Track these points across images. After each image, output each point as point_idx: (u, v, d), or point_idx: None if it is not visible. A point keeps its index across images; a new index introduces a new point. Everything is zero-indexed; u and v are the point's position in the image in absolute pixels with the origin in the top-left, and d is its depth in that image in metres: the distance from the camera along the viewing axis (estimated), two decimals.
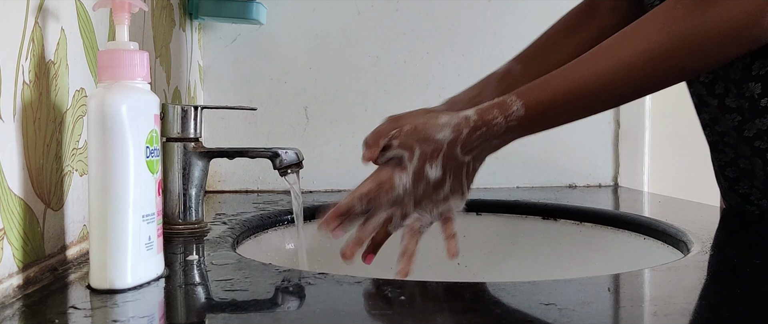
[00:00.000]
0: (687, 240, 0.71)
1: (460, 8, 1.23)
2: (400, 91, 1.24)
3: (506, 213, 1.02)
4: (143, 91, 0.51)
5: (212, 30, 1.21)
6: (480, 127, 0.64)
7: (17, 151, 0.49)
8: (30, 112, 0.51)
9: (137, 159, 0.50)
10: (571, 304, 0.47)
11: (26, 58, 0.50)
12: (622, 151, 1.29)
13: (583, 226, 0.94)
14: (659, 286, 0.55)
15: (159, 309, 0.48)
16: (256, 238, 0.84)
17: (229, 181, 1.22)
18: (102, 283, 0.49)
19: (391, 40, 1.24)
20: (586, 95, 0.63)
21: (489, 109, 0.64)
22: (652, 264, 0.61)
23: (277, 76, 1.22)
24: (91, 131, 0.49)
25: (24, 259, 0.50)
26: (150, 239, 0.51)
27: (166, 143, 0.74)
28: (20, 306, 0.46)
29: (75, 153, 0.60)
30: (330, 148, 1.22)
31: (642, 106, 1.29)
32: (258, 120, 1.22)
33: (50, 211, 0.55)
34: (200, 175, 0.76)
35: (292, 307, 0.49)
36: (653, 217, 0.84)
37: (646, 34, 0.61)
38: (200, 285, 0.53)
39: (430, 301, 0.50)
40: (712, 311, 0.47)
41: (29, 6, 0.51)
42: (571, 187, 1.26)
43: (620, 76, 0.61)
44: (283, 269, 0.57)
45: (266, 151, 0.74)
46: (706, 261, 0.60)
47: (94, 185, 0.49)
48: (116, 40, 0.51)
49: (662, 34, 0.59)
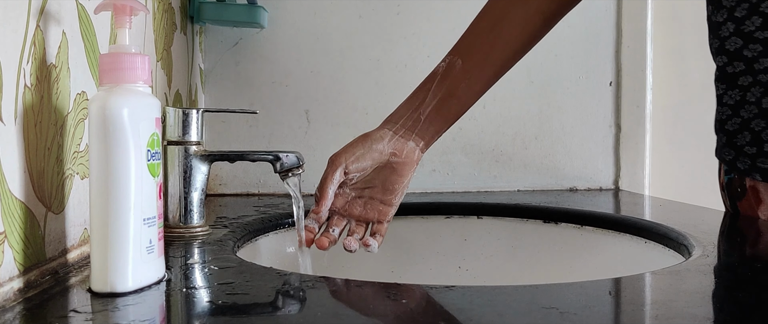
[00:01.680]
0: (688, 244, 0.71)
1: (461, 11, 1.23)
2: (401, 94, 1.23)
3: (507, 216, 1.01)
4: (144, 95, 0.51)
5: (213, 33, 1.21)
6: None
7: (18, 154, 0.49)
8: (31, 115, 0.51)
9: (138, 162, 0.50)
10: (572, 307, 0.47)
11: (28, 62, 0.50)
12: (622, 154, 1.29)
13: (584, 230, 0.94)
14: (660, 290, 0.55)
15: (160, 313, 0.48)
16: (257, 241, 0.84)
17: (230, 184, 1.22)
18: (103, 286, 0.49)
19: (393, 43, 1.24)
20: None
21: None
22: (654, 268, 0.61)
23: (278, 79, 1.22)
24: (92, 134, 0.49)
25: (25, 262, 0.50)
26: (151, 243, 0.51)
27: (167, 146, 0.74)
28: (21, 309, 0.45)
29: (76, 156, 0.60)
30: (331, 151, 1.21)
31: (643, 109, 1.29)
32: (259, 123, 1.22)
33: (51, 215, 0.55)
34: (201, 178, 0.76)
35: (293, 311, 0.49)
36: (654, 221, 0.84)
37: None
38: (201, 289, 0.53)
39: (431, 304, 0.50)
40: (714, 315, 0.47)
41: (31, 9, 0.51)
42: (572, 191, 1.26)
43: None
44: (284, 273, 0.57)
45: (267, 154, 0.74)
46: (707, 265, 0.60)
47: (95, 188, 0.49)
48: (117, 44, 0.51)
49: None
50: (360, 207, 0.73)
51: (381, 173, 0.73)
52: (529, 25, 0.74)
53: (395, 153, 0.72)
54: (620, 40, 1.28)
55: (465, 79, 0.73)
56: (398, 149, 0.72)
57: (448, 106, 0.74)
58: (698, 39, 1.44)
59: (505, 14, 0.75)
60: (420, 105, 0.74)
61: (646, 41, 1.28)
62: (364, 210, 0.73)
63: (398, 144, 0.72)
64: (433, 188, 1.24)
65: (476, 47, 0.75)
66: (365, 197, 0.73)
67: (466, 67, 0.73)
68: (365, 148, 0.72)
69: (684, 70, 1.35)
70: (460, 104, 0.74)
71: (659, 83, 1.32)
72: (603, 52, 1.28)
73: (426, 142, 0.74)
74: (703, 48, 0.80)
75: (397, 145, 0.72)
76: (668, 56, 1.33)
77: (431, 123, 0.74)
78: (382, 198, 0.73)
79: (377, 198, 0.73)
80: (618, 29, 1.28)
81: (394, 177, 0.72)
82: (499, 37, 0.74)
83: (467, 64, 0.73)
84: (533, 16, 0.74)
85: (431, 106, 0.73)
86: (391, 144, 0.72)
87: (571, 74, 1.27)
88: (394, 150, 0.72)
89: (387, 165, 0.72)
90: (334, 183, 0.71)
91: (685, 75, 1.35)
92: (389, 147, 0.72)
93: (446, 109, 0.74)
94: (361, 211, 0.73)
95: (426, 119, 0.73)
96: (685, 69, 1.35)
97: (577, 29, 1.26)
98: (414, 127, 0.73)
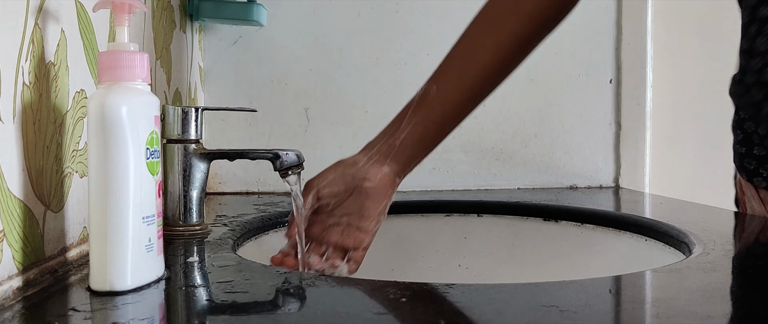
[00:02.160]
0: (689, 241, 0.71)
1: (460, 8, 1.23)
2: (400, 92, 1.24)
3: (507, 214, 1.01)
4: (143, 93, 0.51)
5: (213, 31, 1.21)
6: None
7: (17, 152, 0.49)
8: (30, 113, 0.51)
9: (137, 161, 0.50)
10: (572, 305, 0.47)
11: (26, 60, 0.50)
12: (623, 152, 1.29)
13: (584, 228, 0.94)
14: (661, 288, 0.55)
15: (159, 311, 0.48)
16: (257, 239, 0.84)
17: (230, 182, 1.22)
18: (102, 285, 0.49)
19: (392, 41, 1.24)
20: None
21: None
22: (654, 266, 0.61)
23: (277, 77, 1.22)
24: (91, 133, 0.49)
25: (24, 261, 0.50)
26: (150, 241, 0.51)
27: (166, 145, 0.74)
28: (20, 308, 0.45)
29: (75, 155, 0.59)
30: (330, 150, 1.22)
31: (643, 107, 1.29)
32: (258, 121, 1.22)
33: (50, 213, 0.54)
34: (201, 176, 0.75)
35: (293, 309, 0.49)
36: (655, 219, 0.84)
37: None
38: (201, 287, 0.53)
39: (431, 302, 0.50)
40: (715, 313, 0.47)
41: (29, 7, 0.51)
42: (572, 189, 1.26)
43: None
44: (284, 271, 0.57)
45: (267, 152, 0.74)
46: (708, 262, 0.60)
47: (95, 187, 0.49)
48: (116, 42, 0.51)
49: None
50: (337, 234, 0.72)
51: (357, 199, 0.72)
52: (502, 49, 0.72)
53: (368, 178, 0.71)
54: (620, 38, 1.28)
55: (440, 105, 0.72)
56: (371, 174, 0.71)
57: (423, 131, 0.73)
58: (698, 36, 1.44)
59: (478, 38, 0.74)
60: (395, 131, 0.73)
61: (646, 39, 1.28)
62: (340, 237, 0.72)
63: (372, 169, 0.72)
64: (433, 186, 1.23)
65: (450, 73, 0.74)
66: (343, 224, 0.73)
67: (440, 93, 0.73)
68: (338, 173, 0.72)
69: (684, 68, 1.35)
70: (436, 130, 0.73)
71: (659, 81, 1.31)
72: (603, 50, 1.28)
73: (402, 167, 0.73)
74: (704, 45, 0.80)
75: (371, 170, 0.72)
76: (668, 54, 1.33)
77: (406, 148, 0.73)
78: (358, 224, 0.72)
79: (354, 224, 0.72)
80: (618, 26, 1.28)
81: (369, 202, 0.72)
82: (472, 61, 0.73)
83: (441, 90, 0.73)
84: (507, 40, 0.72)
85: (406, 131, 0.72)
86: (364, 169, 0.72)
87: (572, 72, 1.27)
88: (367, 175, 0.71)
89: (361, 190, 0.71)
90: (307, 207, 0.71)
91: (686, 72, 1.35)
92: (362, 172, 0.71)
93: (422, 134, 0.73)
94: (338, 238, 0.72)
95: (401, 145, 0.72)
96: (686, 66, 1.35)
97: (577, 27, 1.26)
98: (389, 152, 0.72)
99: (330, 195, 0.71)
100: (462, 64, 0.73)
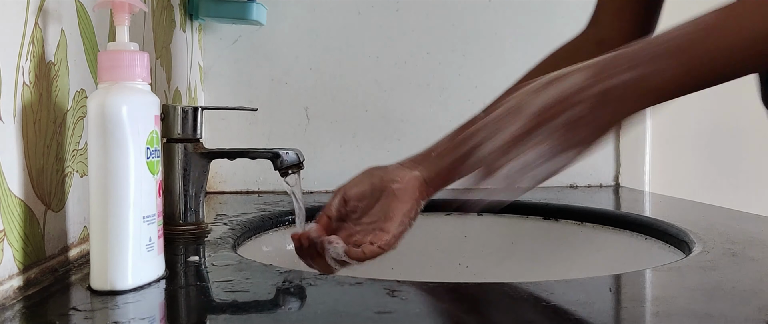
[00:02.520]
0: (688, 240, 0.71)
1: (460, 8, 1.23)
2: (400, 91, 1.24)
3: (507, 213, 1.01)
4: (144, 92, 0.51)
5: (213, 31, 1.21)
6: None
7: (17, 152, 0.49)
8: (30, 113, 0.51)
9: (138, 160, 0.50)
10: (572, 304, 0.47)
11: (26, 59, 0.50)
12: (623, 151, 1.29)
13: (584, 227, 0.94)
14: (661, 287, 0.55)
15: (160, 310, 0.48)
16: (257, 239, 0.84)
17: (230, 181, 1.22)
18: (103, 284, 0.49)
19: (392, 40, 1.23)
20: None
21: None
22: (654, 264, 0.61)
23: (277, 76, 1.22)
24: (91, 132, 0.49)
25: (24, 260, 0.50)
26: (151, 240, 0.51)
27: (166, 144, 0.74)
28: (21, 308, 0.45)
29: (75, 154, 0.59)
30: (331, 149, 1.22)
31: None
32: (258, 121, 1.22)
33: (51, 213, 0.55)
34: (201, 176, 0.76)
35: (293, 308, 0.49)
36: (654, 217, 0.84)
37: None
38: (201, 286, 0.53)
39: (431, 301, 0.50)
40: (714, 312, 0.47)
41: (29, 7, 0.51)
42: (572, 188, 1.26)
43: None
44: (284, 270, 0.57)
45: (267, 151, 0.74)
46: (708, 261, 0.60)
47: (95, 186, 0.49)
48: (116, 41, 0.51)
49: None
50: (359, 235, 0.72)
51: (383, 203, 0.71)
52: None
53: (395, 180, 0.71)
54: None
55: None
56: (400, 176, 0.71)
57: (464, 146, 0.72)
58: None
59: (556, 63, 0.72)
60: (436, 145, 0.73)
61: None
62: (360, 236, 0.72)
63: (401, 172, 0.72)
64: None
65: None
66: (365, 225, 0.72)
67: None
68: (366, 174, 0.72)
69: None
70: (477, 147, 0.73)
71: None
72: None
73: (432, 175, 0.72)
74: None
75: (399, 172, 0.72)
76: None
77: (442, 158, 0.72)
78: (382, 225, 0.71)
79: (378, 226, 0.72)
80: None
81: (395, 203, 0.71)
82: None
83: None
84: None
85: (445, 145, 0.73)
86: (393, 171, 0.72)
87: None
88: (395, 177, 0.71)
89: (389, 192, 0.71)
90: (332, 207, 0.71)
91: None
92: (391, 174, 0.71)
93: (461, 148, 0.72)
94: (359, 237, 0.72)
95: (437, 155, 0.73)
96: None
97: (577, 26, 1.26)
98: (423, 160, 0.73)
99: (356, 196, 0.71)
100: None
